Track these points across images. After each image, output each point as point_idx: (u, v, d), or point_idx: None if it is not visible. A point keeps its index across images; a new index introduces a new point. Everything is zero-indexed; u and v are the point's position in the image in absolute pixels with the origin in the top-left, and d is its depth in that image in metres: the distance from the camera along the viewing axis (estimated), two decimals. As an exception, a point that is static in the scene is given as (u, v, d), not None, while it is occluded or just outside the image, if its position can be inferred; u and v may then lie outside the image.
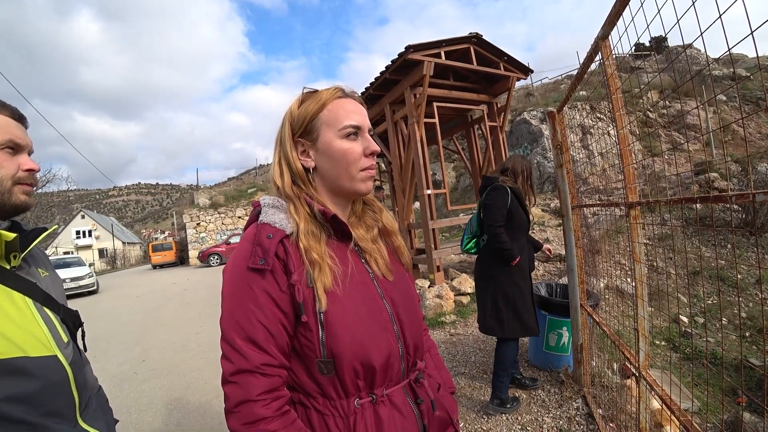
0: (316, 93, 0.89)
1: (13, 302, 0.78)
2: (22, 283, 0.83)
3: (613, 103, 1.73)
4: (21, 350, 0.74)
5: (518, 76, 6.69)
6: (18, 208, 0.86)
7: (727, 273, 5.49)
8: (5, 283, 0.79)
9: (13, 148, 0.84)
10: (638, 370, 1.75)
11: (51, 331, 0.83)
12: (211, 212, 22.72)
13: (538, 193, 12.23)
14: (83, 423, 0.85)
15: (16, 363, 0.73)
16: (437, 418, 0.91)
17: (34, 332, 0.79)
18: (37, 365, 0.76)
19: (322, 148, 0.87)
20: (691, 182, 7.68)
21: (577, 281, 2.86)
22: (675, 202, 1.26)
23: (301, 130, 0.88)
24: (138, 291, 12.77)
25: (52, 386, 0.78)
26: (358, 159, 0.87)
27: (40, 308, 0.84)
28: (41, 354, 0.78)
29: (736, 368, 3.77)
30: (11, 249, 0.81)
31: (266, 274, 0.77)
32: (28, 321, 0.79)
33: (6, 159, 0.83)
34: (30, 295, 0.83)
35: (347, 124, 0.86)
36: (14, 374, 0.72)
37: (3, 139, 0.82)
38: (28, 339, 0.76)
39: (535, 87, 21.24)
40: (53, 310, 0.88)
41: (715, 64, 13.08)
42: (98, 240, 46.18)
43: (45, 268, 0.97)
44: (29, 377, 0.74)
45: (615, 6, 1.56)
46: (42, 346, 0.79)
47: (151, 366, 4.65)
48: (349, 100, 0.89)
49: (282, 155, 0.88)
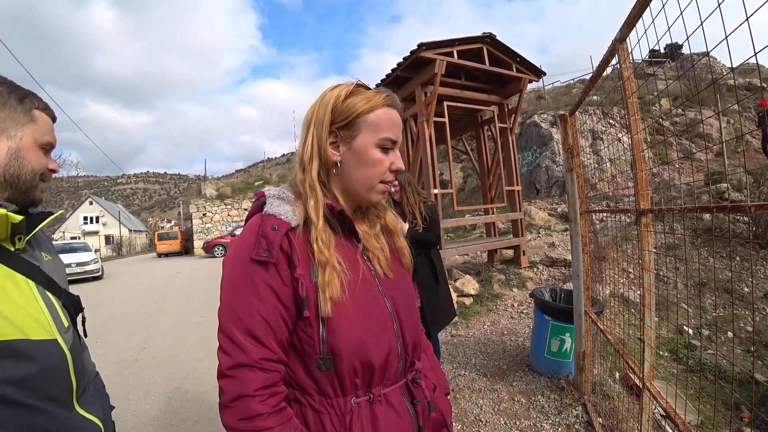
0: (367, 92, 0.86)
1: (15, 284, 0.78)
2: (25, 265, 0.83)
3: (628, 107, 1.69)
4: (21, 332, 0.74)
5: (530, 78, 6.62)
6: (35, 203, 0.90)
7: (735, 286, 5.41)
8: (9, 265, 0.79)
9: (47, 148, 0.91)
10: (642, 381, 1.72)
11: (52, 314, 0.83)
12: (217, 203, 22.85)
13: (545, 196, 12.15)
14: (79, 408, 0.85)
15: (16, 345, 0.72)
16: (433, 419, 0.89)
17: (35, 315, 0.79)
18: (36, 348, 0.76)
19: (356, 149, 0.84)
20: (701, 192, 7.57)
21: (583, 287, 2.82)
22: (689, 210, 1.23)
23: (343, 122, 0.84)
24: (142, 278, 12.87)
25: (51, 370, 0.78)
26: (383, 172, 0.86)
27: (42, 292, 0.84)
28: (41, 337, 0.78)
29: (741, 383, 3.71)
30: (16, 231, 0.81)
31: (270, 266, 0.76)
32: (30, 304, 0.79)
33: (41, 157, 0.88)
34: (33, 278, 0.83)
35: (388, 136, 0.84)
36: (14, 356, 0.72)
37: (46, 140, 0.89)
38: (29, 322, 0.76)
39: (546, 90, 21.11)
40: (55, 294, 0.88)
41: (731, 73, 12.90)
42: (105, 226, 46.58)
43: (48, 252, 0.97)
44: (28, 360, 0.74)
45: (635, 8, 1.52)
46: (43, 330, 0.78)
47: (151, 354, 4.68)
48: (394, 111, 0.87)
49: (316, 138, 0.84)
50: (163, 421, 3.06)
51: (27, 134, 0.84)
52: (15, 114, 0.82)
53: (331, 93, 0.86)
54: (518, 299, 5.55)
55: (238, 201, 23.03)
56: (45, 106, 0.90)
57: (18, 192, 0.84)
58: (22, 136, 0.83)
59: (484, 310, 5.29)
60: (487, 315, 5.12)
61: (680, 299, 4.90)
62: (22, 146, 0.83)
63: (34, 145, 0.86)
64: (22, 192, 0.85)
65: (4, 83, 0.83)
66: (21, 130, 0.83)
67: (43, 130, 0.88)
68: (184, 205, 28.91)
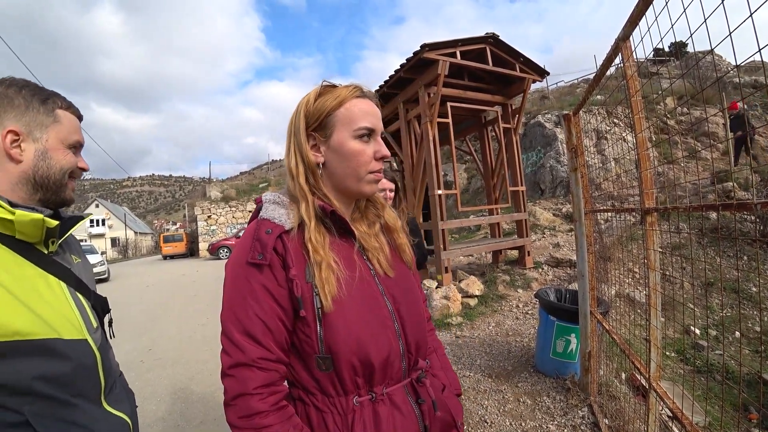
0: (335, 89, 0.88)
1: (49, 286, 0.81)
2: (58, 267, 0.86)
3: (632, 105, 1.68)
4: (55, 332, 0.77)
5: (534, 78, 6.60)
6: (66, 202, 0.92)
7: (742, 285, 5.36)
8: (43, 267, 0.82)
9: (76, 147, 0.93)
10: (649, 382, 1.70)
11: (82, 315, 0.86)
12: (222, 205, 22.95)
13: (549, 197, 12.10)
14: (107, 405, 0.88)
15: (51, 344, 0.75)
16: (439, 419, 0.89)
17: (67, 316, 0.82)
18: (69, 347, 0.79)
19: (334, 146, 0.86)
20: (707, 191, 7.51)
21: (588, 287, 2.80)
22: (695, 209, 1.22)
23: (315, 124, 0.86)
24: (148, 280, 12.94)
25: (82, 368, 0.81)
26: (368, 162, 0.86)
27: (73, 293, 0.87)
28: (73, 337, 0.80)
29: (749, 383, 3.68)
30: (50, 235, 0.85)
31: (264, 268, 0.78)
32: (62, 304, 0.82)
33: (71, 155, 0.91)
34: (65, 280, 0.86)
35: (362, 125, 0.85)
36: (48, 354, 0.75)
37: (73, 139, 0.91)
38: (62, 322, 0.79)
39: (550, 90, 21.04)
40: (85, 296, 0.91)
41: (736, 70, 12.79)
42: (111, 229, 46.91)
43: (77, 254, 1.00)
44: (62, 358, 0.77)
45: (638, 6, 1.51)
46: (74, 330, 0.81)
47: (157, 355, 4.70)
48: (366, 100, 0.88)
49: (296, 146, 0.87)
50: (168, 422, 3.07)
51: (52, 135, 0.86)
52: (38, 116, 0.85)
53: (302, 100, 0.89)
54: (523, 300, 5.52)
55: (242, 203, 23.12)
56: (69, 105, 0.92)
57: (49, 192, 0.87)
58: (47, 137, 0.86)
59: (489, 311, 5.28)
60: (492, 316, 5.10)
61: (687, 299, 4.87)
62: (49, 147, 0.86)
63: (61, 145, 0.88)
64: (53, 192, 0.88)
65: (27, 86, 0.85)
66: (46, 132, 0.86)
67: (68, 129, 0.90)
68: (189, 207, 29.06)
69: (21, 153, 0.82)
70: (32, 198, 0.85)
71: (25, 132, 0.83)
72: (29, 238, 0.81)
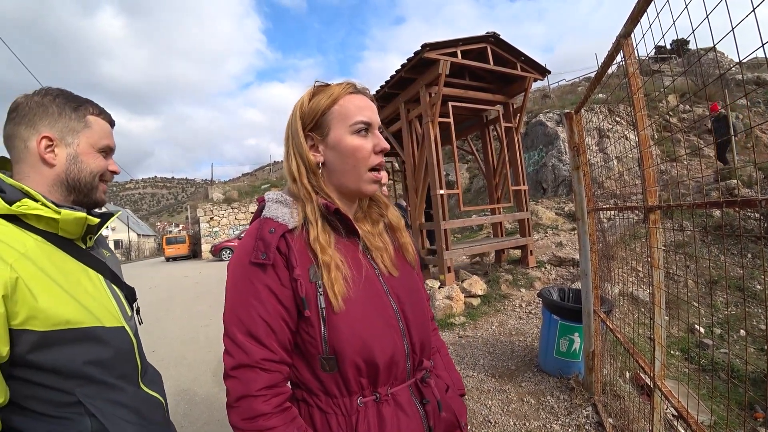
0: (328, 87, 0.88)
1: (89, 278, 0.88)
2: (95, 261, 0.93)
3: (634, 103, 1.67)
4: (98, 321, 0.83)
5: (535, 77, 6.58)
6: (97, 204, 0.98)
7: (747, 283, 5.34)
8: (83, 261, 0.89)
9: (107, 151, 0.97)
10: (653, 380, 1.69)
11: (118, 305, 0.93)
12: (224, 207, 22.99)
13: (551, 196, 12.07)
14: (144, 386, 0.96)
15: (95, 331, 0.82)
16: (444, 419, 0.88)
17: (106, 305, 0.88)
18: (110, 335, 0.86)
19: (332, 144, 0.86)
20: (710, 189, 7.48)
21: (591, 286, 2.79)
22: (698, 206, 1.21)
23: (311, 124, 0.86)
24: (151, 282, 12.96)
25: (122, 353, 0.89)
26: (367, 156, 0.86)
27: (109, 284, 0.94)
28: (113, 325, 0.87)
29: (754, 382, 3.66)
30: (88, 232, 0.92)
31: (267, 268, 0.77)
32: (101, 295, 0.89)
33: (102, 159, 0.95)
34: (102, 273, 0.93)
35: (358, 120, 0.85)
36: (94, 341, 0.82)
37: (103, 144, 0.95)
38: (102, 311, 0.86)
39: (551, 89, 20.99)
40: (119, 287, 0.98)
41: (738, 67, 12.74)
42: (114, 231, 47.00)
43: (107, 249, 1.08)
44: (105, 344, 0.84)
45: (638, 2, 1.50)
46: (113, 318, 0.88)
47: (160, 356, 4.70)
48: (360, 96, 0.88)
49: (294, 148, 0.87)
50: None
51: (83, 140, 0.91)
52: (71, 122, 0.90)
53: (296, 102, 0.89)
54: (526, 299, 5.51)
55: (245, 204, 23.16)
56: (100, 111, 0.97)
57: (81, 194, 0.93)
58: (78, 142, 0.91)
59: (492, 310, 5.27)
60: (495, 315, 5.09)
61: (691, 297, 4.84)
62: (80, 152, 0.91)
63: (92, 150, 0.93)
64: (84, 194, 0.93)
65: (61, 95, 0.90)
66: (77, 137, 0.91)
67: (99, 135, 0.94)
68: (192, 209, 29.13)
69: (54, 157, 0.88)
70: (67, 199, 0.91)
71: (58, 137, 0.88)
72: (70, 235, 0.87)
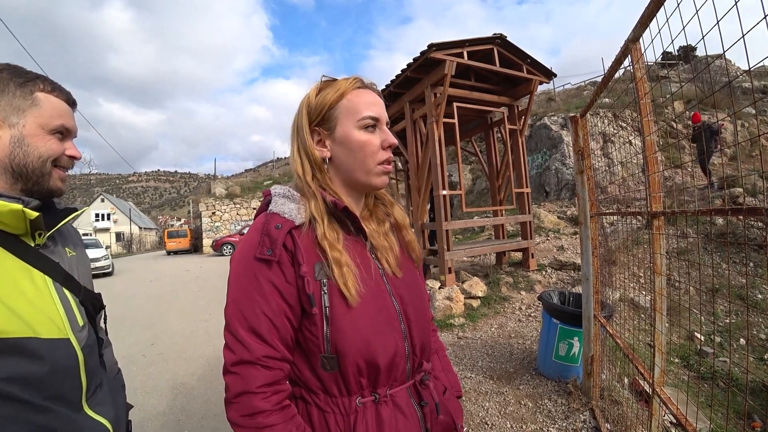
0: (335, 82, 0.87)
1: (32, 281, 0.77)
2: (44, 261, 0.81)
3: (640, 108, 1.67)
4: (32, 330, 0.72)
5: (541, 80, 6.56)
6: (53, 193, 0.87)
7: (748, 292, 5.32)
8: (27, 260, 0.78)
9: (62, 133, 0.86)
10: (652, 387, 1.69)
11: (67, 312, 0.81)
12: (226, 202, 23.03)
13: (554, 199, 12.04)
14: (88, 409, 0.83)
15: (25, 343, 0.71)
16: (441, 422, 0.88)
17: (49, 313, 0.77)
18: (47, 347, 0.74)
19: (340, 139, 0.85)
20: (714, 196, 7.45)
21: (592, 291, 2.78)
22: (703, 213, 1.20)
23: (318, 119, 0.86)
24: (152, 275, 13.01)
25: (61, 370, 0.76)
26: (375, 152, 0.85)
27: (59, 289, 0.82)
28: (53, 336, 0.76)
29: (753, 391, 3.65)
30: (36, 227, 0.80)
31: (273, 264, 0.76)
32: (44, 301, 0.77)
33: (54, 142, 0.84)
34: (50, 275, 0.81)
35: (366, 115, 0.84)
36: (21, 354, 0.70)
37: (56, 123, 0.84)
38: (41, 319, 0.75)
39: (557, 92, 20.92)
40: (73, 292, 0.86)
41: (746, 75, 12.68)
42: (116, 224, 47.17)
43: (73, 247, 0.96)
44: (37, 359, 0.72)
45: (648, 7, 1.49)
46: (55, 328, 0.77)
47: (159, 350, 4.72)
48: (368, 91, 0.87)
49: (300, 144, 0.86)
50: (170, 417, 3.08)
51: (30, 120, 0.80)
52: (14, 100, 0.79)
53: (303, 98, 0.88)
54: (526, 302, 5.50)
55: (247, 200, 23.20)
56: (54, 87, 0.85)
57: (30, 182, 0.82)
58: (24, 123, 0.80)
59: (492, 312, 5.26)
60: (494, 317, 5.09)
61: (692, 305, 4.83)
62: (26, 133, 0.80)
63: (41, 131, 0.82)
64: (34, 182, 0.82)
65: (6, 69, 0.80)
66: (23, 117, 0.80)
67: (50, 114, 0.83)
68: (194, 203, 29.20)
69: None
70: (13, 187, 0.80)
71: (0, 118, 0.77)
72: (12, 229, 0.77)
